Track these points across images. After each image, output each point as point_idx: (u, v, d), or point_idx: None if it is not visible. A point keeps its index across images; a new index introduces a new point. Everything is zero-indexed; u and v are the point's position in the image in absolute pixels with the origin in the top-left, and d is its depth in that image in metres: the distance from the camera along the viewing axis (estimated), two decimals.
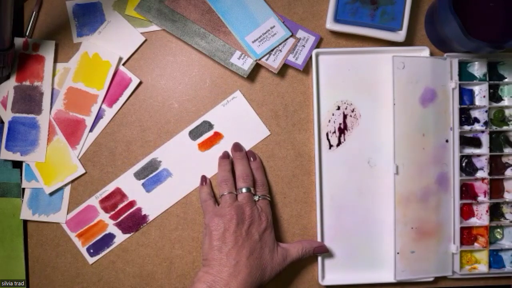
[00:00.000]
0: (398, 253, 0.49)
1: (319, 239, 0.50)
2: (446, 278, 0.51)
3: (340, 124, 0.51)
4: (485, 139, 0.50)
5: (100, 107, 0.51)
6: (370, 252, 0.51)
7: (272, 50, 0.50)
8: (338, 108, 0.51)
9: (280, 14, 0.51)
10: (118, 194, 0.52)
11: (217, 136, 0.52)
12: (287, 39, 0.50)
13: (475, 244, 0.51)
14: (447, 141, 0.50)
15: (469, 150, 0.51)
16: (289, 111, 0.52)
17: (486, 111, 0.50)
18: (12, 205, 0.52)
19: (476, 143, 0.51)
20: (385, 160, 0.50)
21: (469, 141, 0.51)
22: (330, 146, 0.51)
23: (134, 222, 0.51)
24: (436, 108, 0.49)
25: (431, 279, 0.50)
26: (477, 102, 0.51)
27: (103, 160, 0.52)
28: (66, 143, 0.51)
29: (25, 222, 0.52)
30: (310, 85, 0.51)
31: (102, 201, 0.52)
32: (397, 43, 0.49)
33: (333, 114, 0.51)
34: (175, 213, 0.52)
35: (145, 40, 0.51)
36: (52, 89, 0.51)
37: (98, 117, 0.51)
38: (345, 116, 0.51)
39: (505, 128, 0.51)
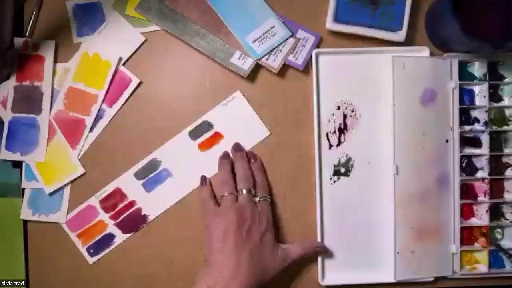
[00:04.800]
0: (398, 253, 0.49)
1: (319, 239, 0.50)
2: (446, 278, 0.51)
3: (340, 124, 0.51)
4: (485, 139, 0.50)
5: (100, 107, 0.51)
6: (370, 252, 0.51)
7: (272, 50, 0.50)
8: (338, 108, 0.51)
9: (280, 14, 0.51)
10: (118, 194, 0.51)
11: (217, 136, 0.52)
12: (287, 39, 0.50)
13: (475, 244, 0.51)
14: (447, 141, 0.50)
15: (469, 150, 0.51)
16: (289, 111, 0.52)
17: (486, 111, 0.50)
18: (12, 205, 0.52)
19: (476, 143, 0.51)
20: (385, 160, 0.50)
21: (469, 141, 0.51)
22: (330, 146, 0.51)
23: (134, 222, 0.51)
24: (436, 108, 0.49)
25: (431, 279, 0.50)
26: (477, 102, 0.51)
27: (103, 160, 0.52)
28: (66, 143, 0.51)
29: (25, 222, 0.52)
30: (310, 85, 0.51)
31: (102, 201, 0.51)
32: (397, 43, 0.49)
33: (333, 114, 0.51)
34: (175, 213, 0.52)
35: (145, 40, 0.51)
36: (52, 89, 0.51)
37: (98, 117, 0.51)
38: (345, 116, 0.51)
39: (505, 128, 0.51)
